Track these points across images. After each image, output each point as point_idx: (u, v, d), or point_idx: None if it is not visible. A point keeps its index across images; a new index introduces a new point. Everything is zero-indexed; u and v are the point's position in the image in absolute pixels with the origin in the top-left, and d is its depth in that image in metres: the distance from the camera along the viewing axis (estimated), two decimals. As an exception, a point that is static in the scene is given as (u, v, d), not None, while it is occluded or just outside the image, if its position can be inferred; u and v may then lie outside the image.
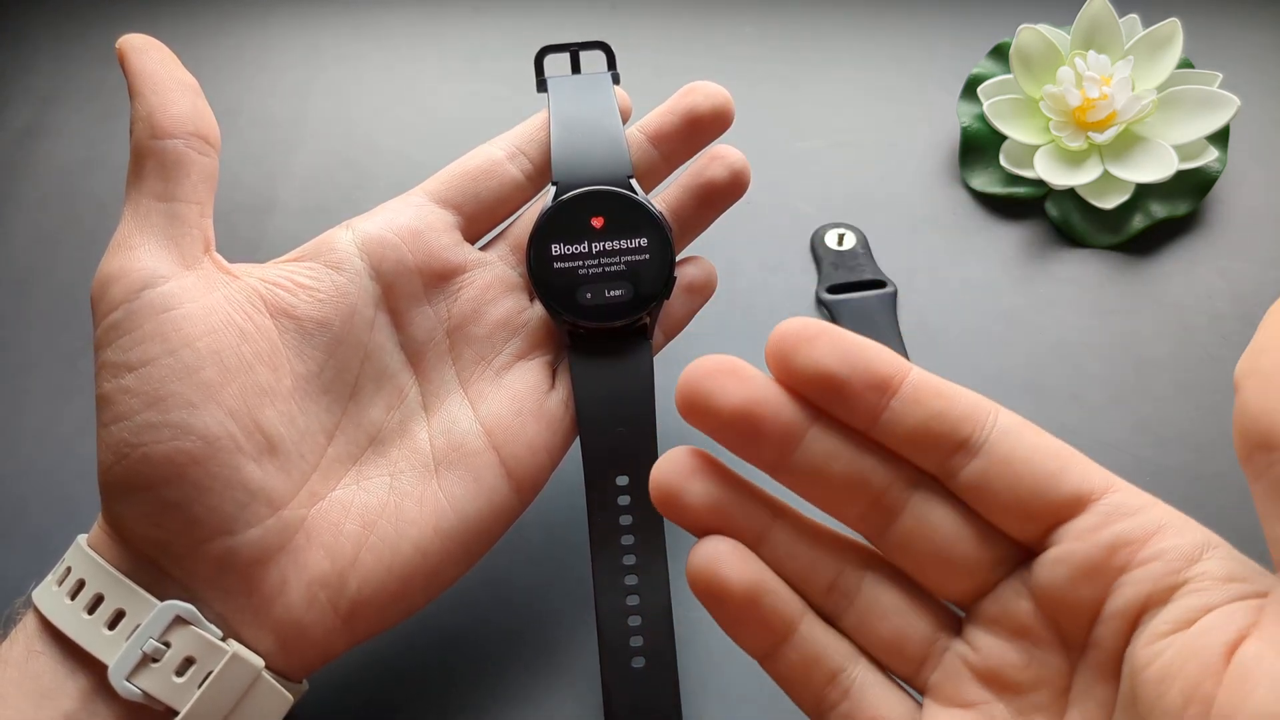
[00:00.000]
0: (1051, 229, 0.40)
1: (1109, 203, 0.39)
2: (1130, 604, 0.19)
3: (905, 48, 0.47)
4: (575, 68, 0.32)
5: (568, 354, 0.29)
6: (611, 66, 0.32)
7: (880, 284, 0.39)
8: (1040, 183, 0.40)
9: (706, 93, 0.29)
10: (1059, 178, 0.39)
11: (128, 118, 0.26)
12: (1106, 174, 0.39)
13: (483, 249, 0.30)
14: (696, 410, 0.21)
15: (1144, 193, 0.39)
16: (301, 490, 0.25)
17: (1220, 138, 0.40)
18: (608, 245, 0.28)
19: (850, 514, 0.22)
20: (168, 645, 0.23)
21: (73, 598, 0.24)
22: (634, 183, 0.29)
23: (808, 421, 0.21)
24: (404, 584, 0.26)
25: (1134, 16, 0.41)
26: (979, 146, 0.42)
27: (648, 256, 0.28)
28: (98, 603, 0.24)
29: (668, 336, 0.31)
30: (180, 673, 0.24)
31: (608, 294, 0.28)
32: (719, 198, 0.30)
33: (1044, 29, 0.41)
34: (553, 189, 0.29)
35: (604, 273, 0.28)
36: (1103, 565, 0.19)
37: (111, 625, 0.24)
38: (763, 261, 0.40)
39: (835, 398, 0.21)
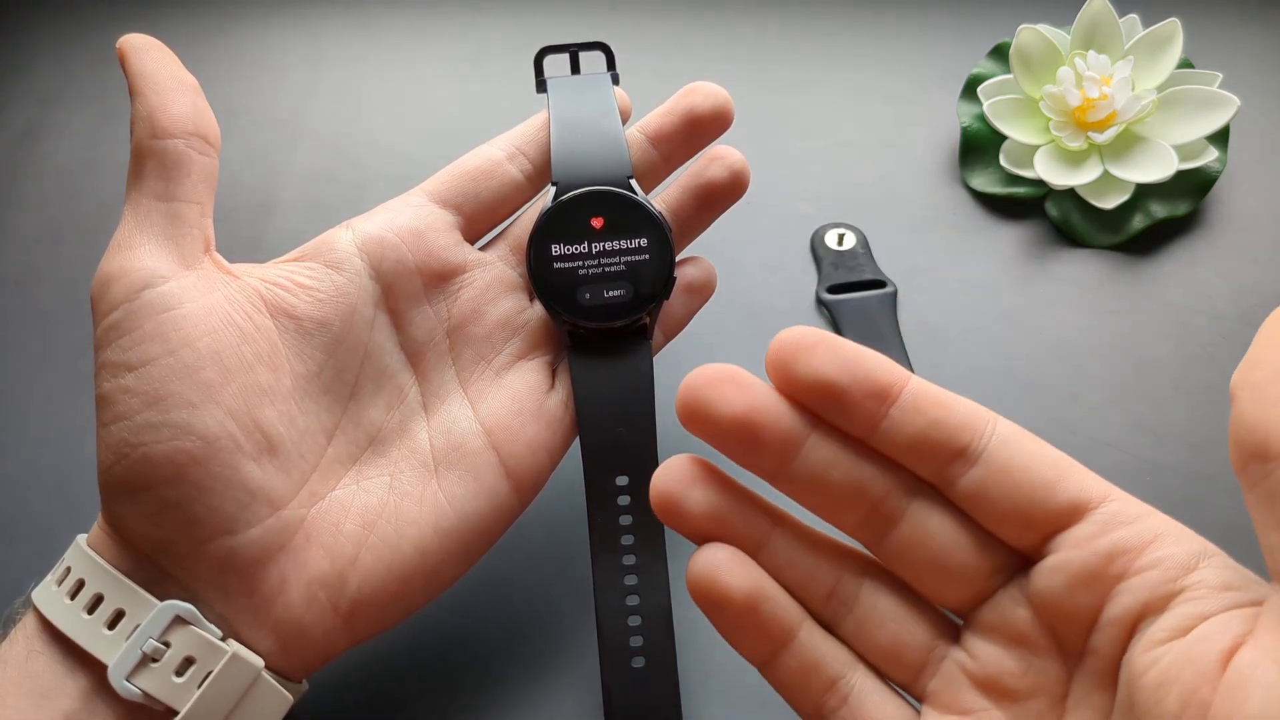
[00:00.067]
0: (1051, 229, 0.40)
1: (1109, 203, 0.39)
2: (1127, 612, 0.19)
3: (905, 48, 0.47)
4: (575, 68, 0.32)
5: (567, 354, 0.29)
6: (611, 67, 0.32)
7: (880, 284, 0.39)
8: (1040, 183, 0.40)
9: (706, 93, 0.29)
10: (1059, 178, 0.39)
11: (128, 118, 0.26)
12: (1106, 174, 0.39)
13: (482, 249, 0.30)
14: (697, 418, 0.21)
15: (1144, 193, 0.39)
16: (301, 490, 0.26)
17: (1220, 138, 0.40)
18: (607, 245, 0.28)
19: (849, 522, 0.22)
20: (167, 645, 0.23)
21: (72, 597, 0.24)
22: (634, 183, 0.29)
23: (807, 430, 0.21)
24: (404, 584, 0.26)
25: (1134, 16, 0.41)
26: (979, 146, 0.42)
27: (647, 257, 0.28)
28: (97, 603, 0.24)
29: (667, 337, 0.31)
30: (180, 673, 0.24)
31: (607, 294, 0.28)
32: (719, 198, 0.30)
33: (1044, 29, 0.41)
34: (552, 189, 0.29)
35: (604, 273, 0.28)
36: (1100, 573, 0.20)
37: (111, 625, 0.24)
38: (763, 261, 0.40)
39: (835, 406, 0.21)
